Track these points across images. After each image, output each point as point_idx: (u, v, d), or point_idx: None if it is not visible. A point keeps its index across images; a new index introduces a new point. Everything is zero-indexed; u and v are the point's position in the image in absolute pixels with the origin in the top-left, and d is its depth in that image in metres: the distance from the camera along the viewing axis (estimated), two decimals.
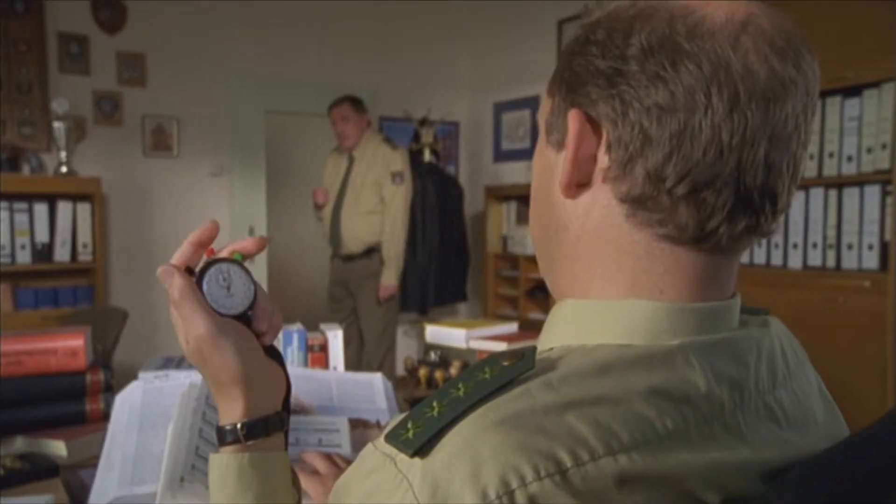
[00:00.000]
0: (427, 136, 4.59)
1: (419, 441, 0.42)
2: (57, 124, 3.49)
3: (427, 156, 4.60)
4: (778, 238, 2.90)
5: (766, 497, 0.45)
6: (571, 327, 0.53)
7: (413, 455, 0.42)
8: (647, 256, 0.51)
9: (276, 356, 0.71)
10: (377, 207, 3.65)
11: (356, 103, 3.67)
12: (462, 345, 1.65)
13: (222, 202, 4.18)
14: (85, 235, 3.50)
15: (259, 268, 4.32)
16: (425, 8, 4.69)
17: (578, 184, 0.52)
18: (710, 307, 0.51)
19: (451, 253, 4.64)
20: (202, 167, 4.08)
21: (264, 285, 4.36)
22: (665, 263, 0.51)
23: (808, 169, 2.79)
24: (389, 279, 3.66)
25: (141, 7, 3.91)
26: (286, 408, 0.71)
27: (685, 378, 0.46)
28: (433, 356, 1.60)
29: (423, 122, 4.61)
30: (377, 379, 1.32)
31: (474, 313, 4.95)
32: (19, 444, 1.24)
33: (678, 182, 0.48)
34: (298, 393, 1.20)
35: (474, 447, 0.41)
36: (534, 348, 0.48)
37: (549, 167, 0.55)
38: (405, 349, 4.62)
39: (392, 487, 0.42)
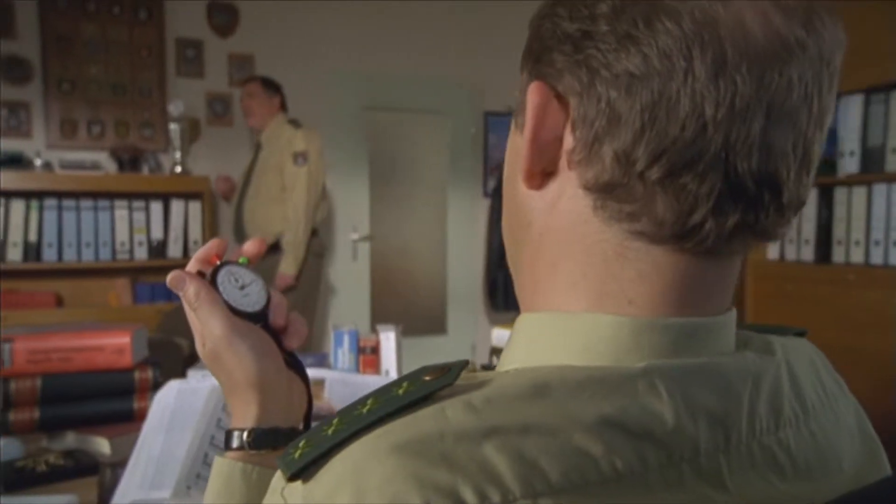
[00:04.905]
0: None
1: (302, 462, 0.37)
2: (173, 126, 3.66)
3: None
4: None
5: None
6: (528, 346, 0.45)
7: (292, 478, 0.37)
8: (617, 258, 0.42)
9: (299, 369, 0.69)
10: (279, 195, 3.34)
11: (267, 82, 3.48)
12: None
13: None
14: (195, 232, 3.65)
15: (361, 268, 4.35)
16: (531, 2, 4.56)
17: (544, 171, 0.44)
18: (688, 324, 0.42)
19: None
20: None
21: (366, 286, 4.43)
22: (638, 267, 0.42)
23: None
24: (287, 268, 3.28)
25: (250, 10, 4.03)
26: (307, 427, 0.68)
27: (647, 409, 0.38)
28: (496, 360, 1.51)
29: None
30: None
31: None
32: (69, 439, 1.25)
33: (651, 164, 0.39)
34: (332, 398, 1.15)
35: (361, 474, 0.34)
36: (464, 362, 0.40)
37: (515, 153, 0.48)
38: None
39: None
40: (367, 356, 1.39)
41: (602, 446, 0.36)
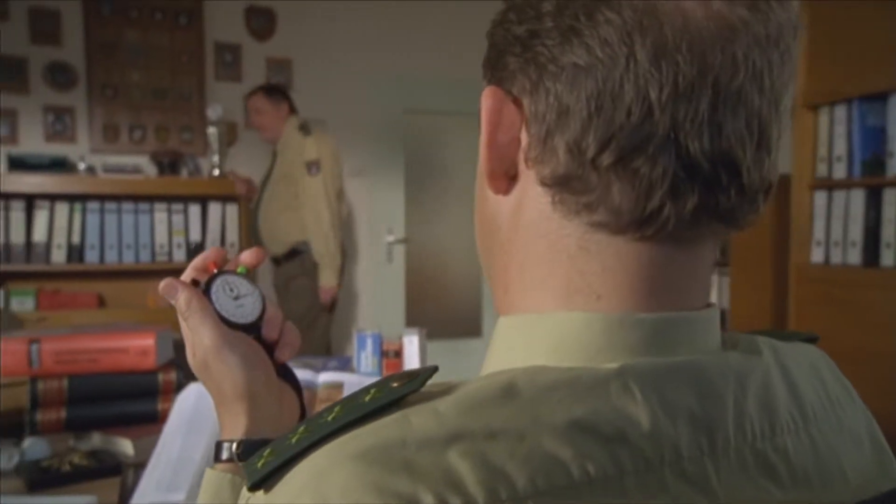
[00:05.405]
0: None
1: (264, 471, 0.37)
2: (211, 129, 3.70)
3: None
4: None
5: None
6: (504, 351, 0.44)
7: (253, 487, 0.37)
8: (580, 253, 0.42)
9: (291, 380, 0.69)
10: (292, 203, 3.36)
11: (271, 92, 3.44)
12: None
13: (362, 202, 4.25)
14: (232, 235, 3.67)
15: (396, 271, 4.35)
16: None
17: (507, 175, 0.45)
18: (660, 319, 0.41)
19: None
20: (343, 167, 4.17)
21: (401, 288, 4.44)
22: (602, 260, 0.42)
23: None
24: (327, 281, 3.34)
25: (287, 13, 4.07)
26: None
27: (621, 411, 0.37)
28: None
29: None
30: None
31: None
32: (95, 440, 1.26)
33: (601, 150, 0.39)
34: None
35: (322, 482, 0.34)
36: (433, 368, 0.40)
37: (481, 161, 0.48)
38: None
39: None
40: (391, 360, 1.38)
41: (572, 450, 0.35)
